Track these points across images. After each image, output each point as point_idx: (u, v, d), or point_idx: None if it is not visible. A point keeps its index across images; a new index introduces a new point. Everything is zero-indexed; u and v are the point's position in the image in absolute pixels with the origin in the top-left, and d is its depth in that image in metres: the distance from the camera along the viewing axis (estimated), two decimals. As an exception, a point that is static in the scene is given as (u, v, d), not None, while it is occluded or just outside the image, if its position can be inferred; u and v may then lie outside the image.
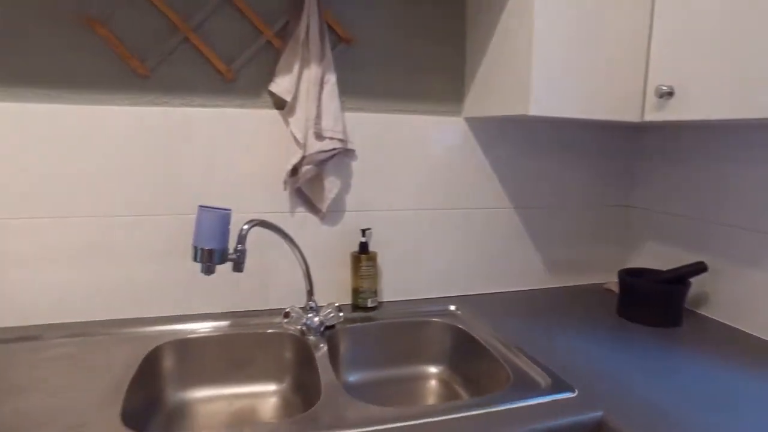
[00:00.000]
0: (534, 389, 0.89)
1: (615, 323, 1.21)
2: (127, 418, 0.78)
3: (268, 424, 0.98)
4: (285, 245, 1.09)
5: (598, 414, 0.82)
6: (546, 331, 1.15)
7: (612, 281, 1.46)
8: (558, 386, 0.89)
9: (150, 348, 1.02)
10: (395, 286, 1.33)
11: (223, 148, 1.16)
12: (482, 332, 1.14)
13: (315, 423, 0.78)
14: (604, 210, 1.49)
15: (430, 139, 1.30)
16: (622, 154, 1.47)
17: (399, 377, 1.18)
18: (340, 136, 1.17)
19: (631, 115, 1.10)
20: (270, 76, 1.15)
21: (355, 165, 1.25)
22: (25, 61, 1.04)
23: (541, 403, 0.84)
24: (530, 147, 1.38)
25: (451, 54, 1.29)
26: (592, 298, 1.38)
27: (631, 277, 1.24)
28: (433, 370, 1.20)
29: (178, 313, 1.18)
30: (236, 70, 1.14)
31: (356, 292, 1.25)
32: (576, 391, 0.87)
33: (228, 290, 1.21)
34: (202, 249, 0.91)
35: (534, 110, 1.02)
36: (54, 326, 1.10)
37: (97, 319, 1.14)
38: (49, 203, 1.08)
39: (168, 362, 1.06)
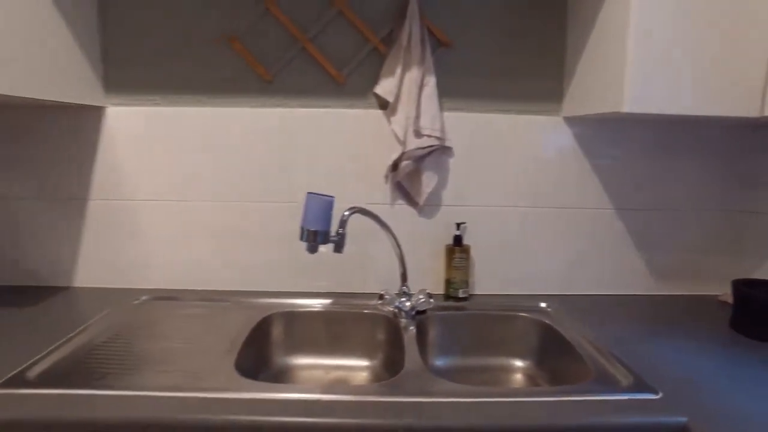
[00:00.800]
0: (613, 386, 0.88)
1: (724, 336, 1.12)
2: (239, 369, 0.93)
3: (356, 386, 1.09)
4: (384, 234, 1.19)
5: (681, 419, 0.79)
6: (643, 337, 1.11)
7: (728, 293, 1.34)
8: (639, 386, 0.87)
9: (262, 317, 1.18)
10: (487, 279, 1.36)
11: (332, 143, 1.29)
12: (572, 331, 1.13)
13: (397, 389, 0.86)
14: (721, 215, 1.37)
15: (527, 138, 1.31)
16: (743, 155, 1.34)
17: (484, 367, 1.22)
18: (438, 134, 1.24)
19: (748, 110, 1.03)
20: (375, 79, 1.27)
21: (452, 162, 1.32)
22: (182, 74, 1.27)
23: (619, 400, 0.83)
24: (636, 146, 1.33)
25: (550, 53, 1.29)
26: (702, 309, 1.29)
27: (747, 287, 1.14)
28: (518, 363, 1.22)
29: (289, 290, 1.34)
30: (346, 74, 1.27)
31: (448, 282, 1.32)
32: (660, 393, 0.85)
33: (332, 273, 1.34)
34: (308, 230, 1.05)
35: (629, 107, 1.00)
36: (189, 291, 1.33)
37: (222, 289, 1.34)
38: (192, 189, 1.30)
39: (277, 330, 1.22)
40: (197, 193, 1.31)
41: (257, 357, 1.13)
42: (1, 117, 1.29)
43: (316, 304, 1.26)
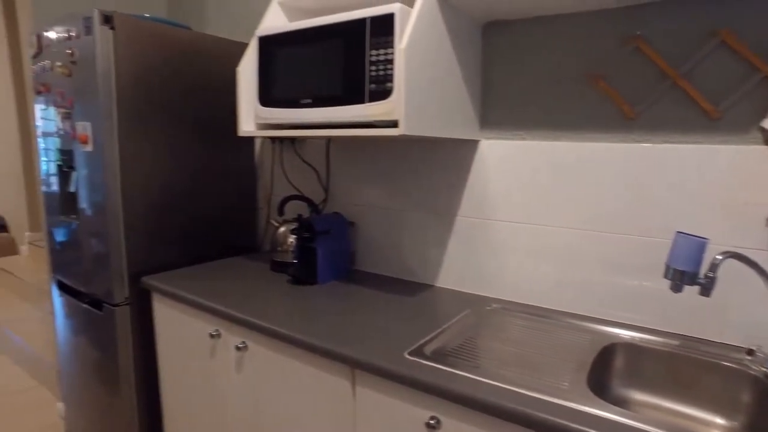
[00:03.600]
0: None
1: None
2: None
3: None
4: (755, 283, 1.08)
5: None
6: None
7: None
8: None
9: (606, 343, 1.22)
10: None
11: (698, 181, 1.23)
12: None
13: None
14: None
15: None
16: None
17: None
18: None
19: None
20: (762, 112, 1.15)
21: None
22: (547, 111, 1.43)
23: None
24: None
25: None
26: None
27: None
28: None
29: (627, 322, 1.33)
30: (723, 108, 1.20)
31: (843, 353, 1.09)
32: None
33: (681, 313, 1.27)
34: (675, 269, 1.04)
35: None
36: (529, 306, 1.48)
37: (556, 308, 1.44)
38: (546, 215, 1.44)
39: (619, 359, 1.23)
40: (550, 219, 1.44)
41: (599, 382, 1.18)
42: (397, 148, 1.69)
43: (662, 342, 1.23)
